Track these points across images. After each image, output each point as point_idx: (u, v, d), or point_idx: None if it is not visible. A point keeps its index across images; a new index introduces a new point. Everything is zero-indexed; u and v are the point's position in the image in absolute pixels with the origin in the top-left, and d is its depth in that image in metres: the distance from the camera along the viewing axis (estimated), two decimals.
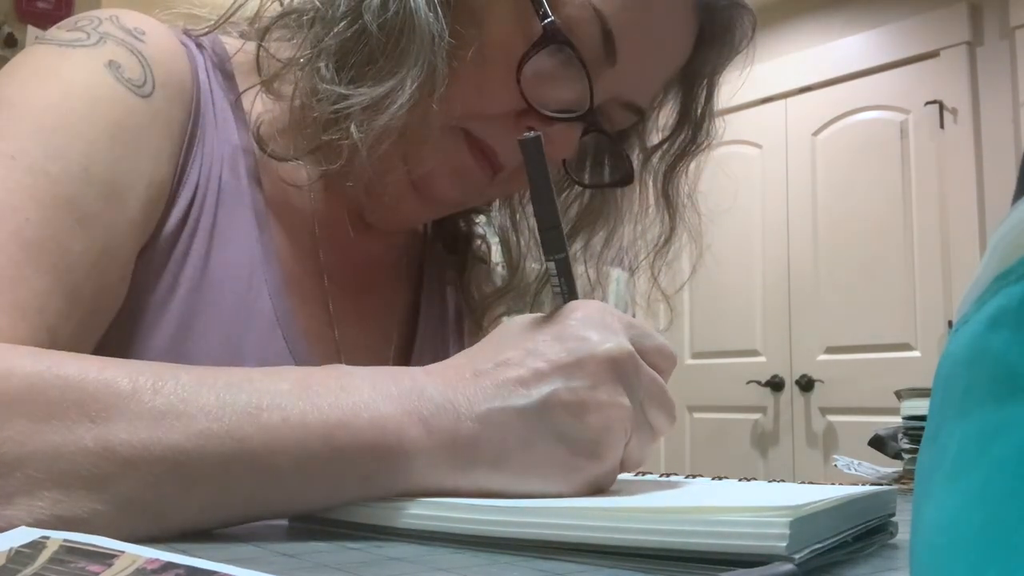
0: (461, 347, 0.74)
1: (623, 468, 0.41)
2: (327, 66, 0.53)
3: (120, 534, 0.28)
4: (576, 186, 0.68)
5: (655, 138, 0.68)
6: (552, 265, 0.42)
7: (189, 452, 0.33)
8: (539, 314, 0.42)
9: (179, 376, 0.35)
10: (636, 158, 0.67)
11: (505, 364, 0.39)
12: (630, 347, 0.39)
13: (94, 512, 0.32)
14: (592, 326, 0.40)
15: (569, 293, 0.42)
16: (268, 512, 0.36)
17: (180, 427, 0.34)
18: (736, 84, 0.67)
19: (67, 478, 0.32)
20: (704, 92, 0.66)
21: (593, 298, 0.70)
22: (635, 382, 0.40)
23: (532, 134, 0.41)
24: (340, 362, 0.59)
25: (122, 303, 0.50)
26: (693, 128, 0.67)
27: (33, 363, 0.34)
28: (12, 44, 2.35)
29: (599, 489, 0.39)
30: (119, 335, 0.50)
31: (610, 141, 0.63)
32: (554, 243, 0.42)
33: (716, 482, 0.46)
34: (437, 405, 0.37)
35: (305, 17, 0.55)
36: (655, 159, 0.68)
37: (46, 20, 2.38)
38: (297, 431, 0.35)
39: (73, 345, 0.44)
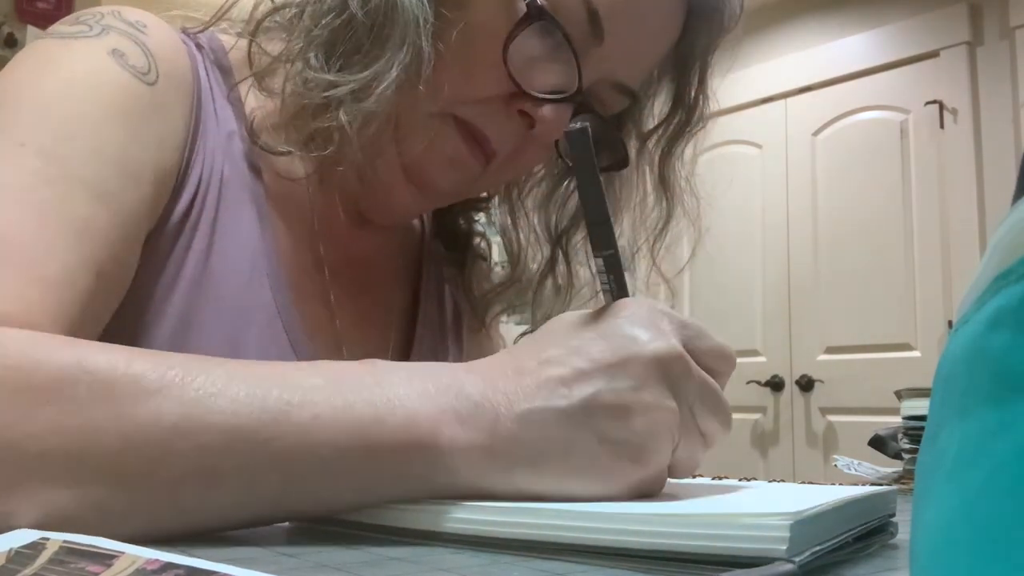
0: (460, 345, 0.74)
1: (673, 474, 0.39)
2: (316, 56, 0.53)
3: (143, 531, 0.28)
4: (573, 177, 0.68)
5: (651, 123, 0.68)
6: (600, 261, 0.40)
7: (215, 450, 0.33)
8: (588, 311, 0.41)
9: (210, 370, 0.35)
10: (632, 145, 0.67)
11: (548, 362, 0.37)
12: (679, 348, 0.37)
13: (116, 508, 0.32)
14: (640, 324, 0.38)
15: (618, 290, 0.40)
16: (297, 512, 0.36)
17: (208, 424, 0.33)
18: (736, 84, 0.67)
19: (88, 476, 0.32)
20: (697, 73, 0.65)
21: (595, 288, 0.70)
22: (685, 385, 0.37)
23: (579, 125, 0.38)
24: (342, 356, 0.60)
25: (125, 294, 0.50)
26: (687, 110, 0.66)
27: (62, 355, 0.34)
28: (12, 44, 2.35)
29: (645, 494, 0.37)
30: (122, 328, 0.50)
31: (605, 127, 0.63)
32: (603, 239, 0.40)
33: (716, 482, 0.46)
34: (475, 403, 0.36)
35: (294, 11, 0.56)
36: (651, 143, 0.68)
37: (46, 20, 2.38)
38: (328, 429, 0.34)
39: (97, 320, 0.45)
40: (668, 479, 0.39)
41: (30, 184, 0.43)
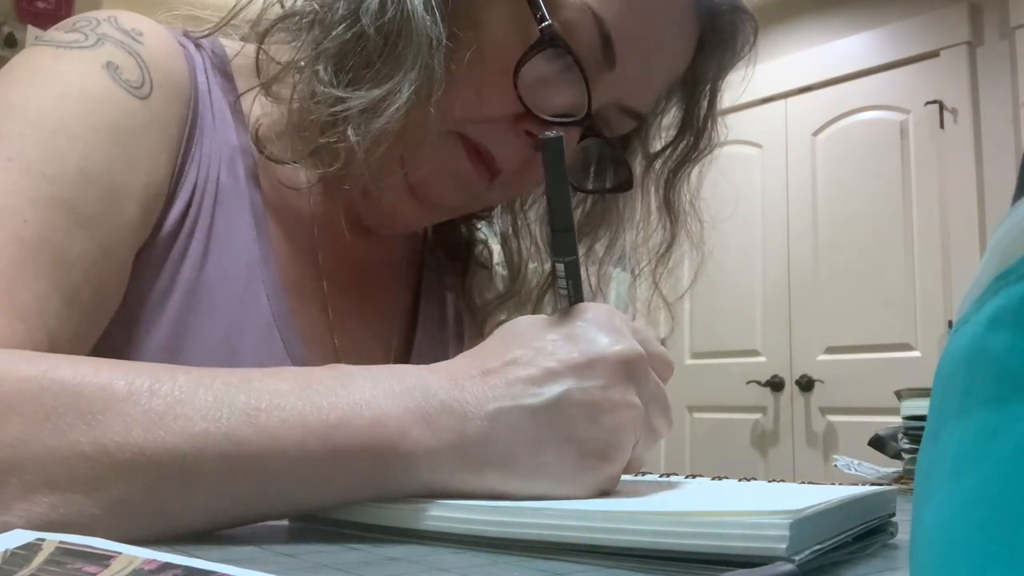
0: (461, 347, 0.74)
1: (626, 470, 0.40)
2: (325, 69, 0.53)
3: (118, 538, 0.28)
4: (577, 192, 0.68)
5: (658, 145, 0.68)
6: (561, 267, 0.42)
7: (186, 454, 0.33)
8: (545, 315, 0.42)
9: (176, 377, 0.35)
10: (639, 164, 0.67)
11: (515, 363, 0.38)
12: (640, 349, 0.39)
13: (91, 516, 0.32)
14: (602, 328, 0.39)
15: (576, 296, 0.42)
16: (269, 514, 0.36)
17: (177, 429, 0.33)
18: (737, 86, 0.67)
19: (63, 482, 0.32)
20: (706, 98, 0.65)
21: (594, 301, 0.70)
22: (644, 384, 0.39)
23: (554, 134, 0.40)
24: (339, 363, 0.59)
25: (121, 302, 0.49)
26: (695, 134, 0.66)
27: (28, 367, 0.34)
28: (12, 44, 2.35)
29: (605, 491, 0.38)
30: (116, 336, 0.49)
31: (611, 147, 0.62)
32: (565, 245, 0.41)
33: (716, 482, 0.46)
34: (442, 403, 0.36)
35: (304, 20, 0.55)
36: (657, 165, 0.67)
37: (46, 20, 2.38)
38: (296, 432, 0.34)
39: (72, 347, 0.44)
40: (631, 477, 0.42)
41: (15, 205, 0.42)
